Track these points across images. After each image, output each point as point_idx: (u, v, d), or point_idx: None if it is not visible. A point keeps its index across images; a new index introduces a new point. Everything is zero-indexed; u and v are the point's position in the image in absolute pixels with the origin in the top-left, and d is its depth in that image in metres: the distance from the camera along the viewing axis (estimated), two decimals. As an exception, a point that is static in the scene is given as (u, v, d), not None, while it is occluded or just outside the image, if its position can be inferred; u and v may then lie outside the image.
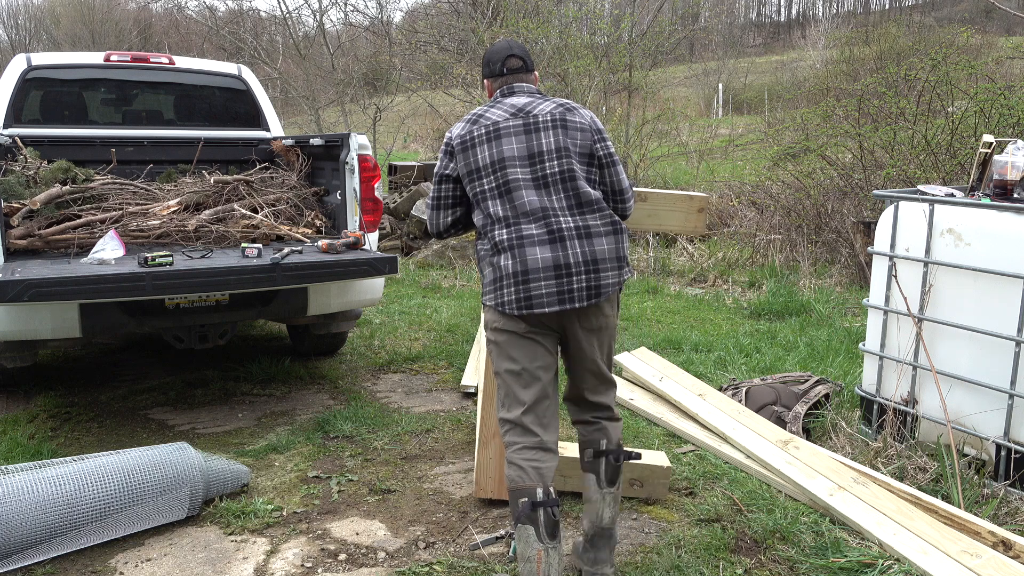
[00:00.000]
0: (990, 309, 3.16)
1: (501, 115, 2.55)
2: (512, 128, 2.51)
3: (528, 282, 2.39)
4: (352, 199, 4.41)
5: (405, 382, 4.83)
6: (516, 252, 2.40)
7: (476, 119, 2.57)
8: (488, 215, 2.48)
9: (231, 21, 16.50)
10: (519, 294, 2.40)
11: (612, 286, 2.46)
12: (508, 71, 2.66)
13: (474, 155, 2.51)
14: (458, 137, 2.56)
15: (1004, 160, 3.33)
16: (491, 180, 2.48)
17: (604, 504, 2.58)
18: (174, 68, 5.39)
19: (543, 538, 2.32)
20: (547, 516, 2.33)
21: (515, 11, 10.98)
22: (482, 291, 2.55)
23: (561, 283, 2.39)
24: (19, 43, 32.64)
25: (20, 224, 4.05)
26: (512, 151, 2.48)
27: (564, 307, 2.40)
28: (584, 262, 2.41)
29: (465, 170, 2.53)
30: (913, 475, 3.27)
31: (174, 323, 3.90)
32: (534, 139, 2.50)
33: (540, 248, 2.40)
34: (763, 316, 6.36)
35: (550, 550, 2.32)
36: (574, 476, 3.19)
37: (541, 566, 2.31)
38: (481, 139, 2.51)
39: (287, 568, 2.73)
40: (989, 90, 6.92)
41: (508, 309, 2.42)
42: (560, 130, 2.51)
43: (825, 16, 40.01)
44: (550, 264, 2.39)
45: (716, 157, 13.58)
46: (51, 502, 2.74)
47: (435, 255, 8.69)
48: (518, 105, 2.57)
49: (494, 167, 2.48)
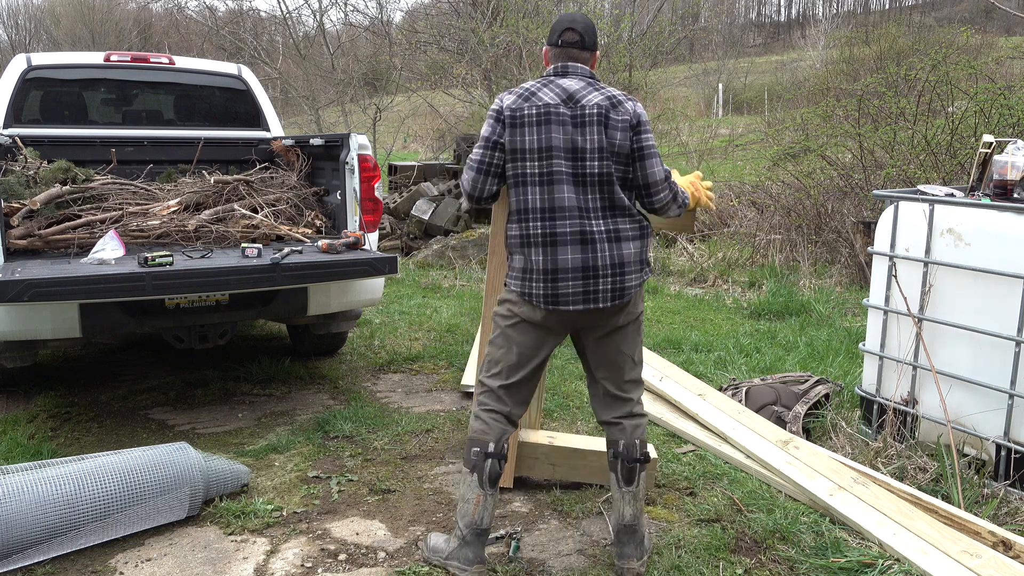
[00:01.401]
0: (990, 309, 3.16)
1: (552, 99, 2.53)
2: (561, 117, 2.51)
3: (557, 280, 2.50)
4: (352, 199, 4.41)
5: (405, 382, 4.83)
6: (548, 250, 2.50)
7: (528, 96, 2.55)
8: (525, 200, 2.53)
9: (231, 21, 16.50)
10: (547, 290, 2.51)
11: (634, 287, 2.57)
12: (563, 43, 2.63)
13: (522, 135, 2.52)
14: (509, 109, 2.54)
15: (1004, 160, 3.33)
16: (536, 166, 2.51)
17: (623, 503, 2.66)
18: (174, 68, 5.39)
19: (484, 485, 2.60)
20: (492, 466, 2.60)
21: (515, 11, 10.97)
22: (507, 273, 2.63)
23: (588, 283, 2.51)
24: (19, 43, 32.66)
25: (20, 224, 4.05)
26: (559, 141, 2.50)
27: (588, 306, 2.52)
28: (612, 265, 2.52)
29: (510, 147, 2.54)
30: (913, 475, 3.27)
31: (174, 323, 3.89)
32: (579, 134, 2.51)
33: (571, 248, 2.50)
34: (763, 316, 6.36)
35: (488, 496, 2.62)
36: (563, 465, 3.34)
37: (478, 508, 2.61)
38: (531, 119, 2.51)
39: (287, 568, 2.73)
40: (989, 90, 6.92)
41: (535, 301, 2.54)
42: (602, 127, 2.52)
43: (825, 16, 40.03)
44: (579, 266, 2.50)
45: (716, 157, 13.58)
46: (51, 502, 2.73)
47: (435, 255, 8.69)
48: (570, 91, 2.55)
49: (541, 154, 2.51)
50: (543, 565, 2.75)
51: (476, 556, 2.62)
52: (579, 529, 3.00)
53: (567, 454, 3.34)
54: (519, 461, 3.36)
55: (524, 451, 3.35)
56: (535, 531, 2.98)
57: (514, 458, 3.31)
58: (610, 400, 2.71)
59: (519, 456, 3.35)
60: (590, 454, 3.33)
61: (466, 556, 2.61)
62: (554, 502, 3.20)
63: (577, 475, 3.37)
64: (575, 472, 3.36)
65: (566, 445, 3.35)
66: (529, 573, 2.70)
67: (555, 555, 2.81)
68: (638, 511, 2.67)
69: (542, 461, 3.36)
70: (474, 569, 2.60)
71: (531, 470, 3.39)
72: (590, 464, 3.33)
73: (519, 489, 3.33)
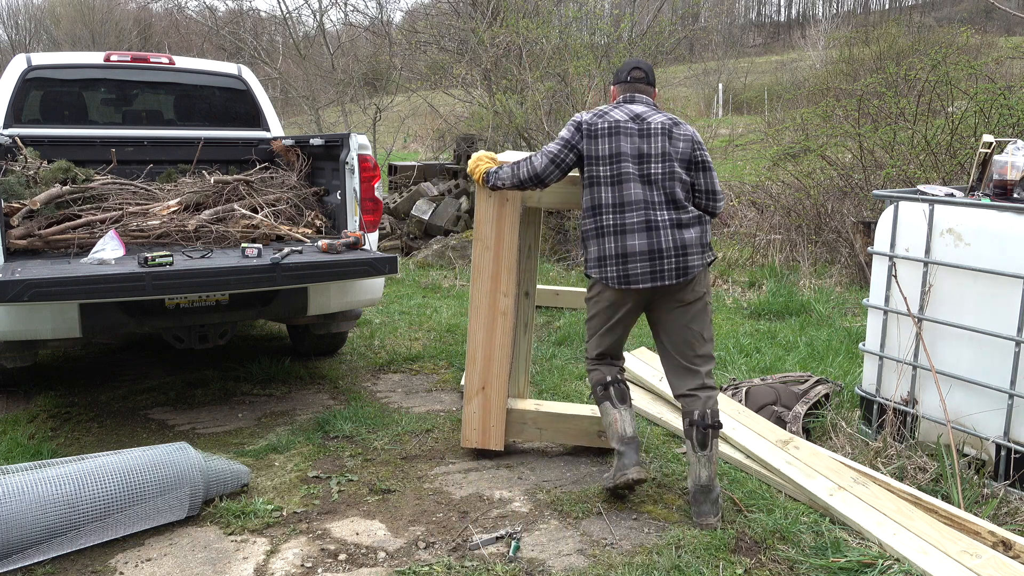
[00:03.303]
0: (990, 309, 3.16)
1: (622, 117, 3.10)
2: (629, 130, 3.07)
3: (627, 263, 3.02)
4: (352, 199, 4.41)
5: (405, 382, 4.83)
6: (619, 238, 3.03)
7: (602, 114, 3.12)
8: (599, 197, 3.07)
9: (231, 21, 16.47)
10: (620, 272, 3.04)
11: (697, 267, 3.05)
12: (632, 79, 3.23)
13: (597, 144, 3.08)
14: (587, 124, 3.12)
15: (1004, 160, 3.33)
16: (607, 169, 3.06)
17: (700, 466, 3.05)
18: (174, 68, 5.39)
19: (616, 404, 3.21)
20: (616, 389, 3.23)
21: (515, 11, 10.94)
22: (585, 263, 3.19)
23: (654, 264, 3.01)
24: (19, 43, 32.63)
25: (20, 224, 4.05)
26: (627, 148, 3.05)
27: (656, 283, 3.01)
28: (675, 247, 3.01)
29: (586, 154, 3.10)
30: (913, 475, 3.27)
31: (174, 323, 3.89)
32: (645, 143, 3.06)
33: (638, 235, 3.01)
34: (763, 316, 6.36)
35: (623, 411, 3.21)
36: (549, 429, 3.71)
37: (618, 423, 3.18)
38: (604, 132, 3.08)
39: (287, 568, 2.73)
40: (989, 90, 6.91)
41: (611, 283, 3.07)
42: (666, 139, 3.07)
43: (825, 16, 40.01)
44: (645, 249, 3.00)
45: (716, 157, 13.56)
46: (51, 502, 2.74)
47: (435, 255, 8.69)
48: (636, 111, 3.12)
49: (611, 159, 3.06)
50: (543, 565, 2.75)
51: (632, 460, 3.11)
52: (579, 529, 3.00)
53: (552, 419, 3.69)
54: (509, 427, 3.67)
55: (513, 417, 3.67)
56: (535, 531, 2.98)
57: (503, 423, 3.63)
58: (683, 372, 3.14)
59: (509, 422, 3.66)
60: (573, 418, 3.68)
61: (623, 464, 3.11)
62: (554, 502, 3.20)
63: (562, 438, 3.71)
64: (560, 435, 3.71)
65: (551, 411, 3.71)
66: (529, 573, 2.70)
67: (555, 555, 2.81)
68: (712, 473, 3.05)
69: (530, 426, 3.70)
70: (633, 469, 3.08)
71: (520, 435, 3.72)
72: (573, 427, 3.69)
73: (519, 489, 3.33)
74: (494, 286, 3.57)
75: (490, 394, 3.62)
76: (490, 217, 3.53)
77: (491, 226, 3.54)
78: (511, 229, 3.53)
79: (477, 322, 3.60)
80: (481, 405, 3.63)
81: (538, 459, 3.66)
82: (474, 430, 3.65)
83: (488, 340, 3.60)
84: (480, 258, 3.56)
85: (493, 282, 3.57)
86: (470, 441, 3.67)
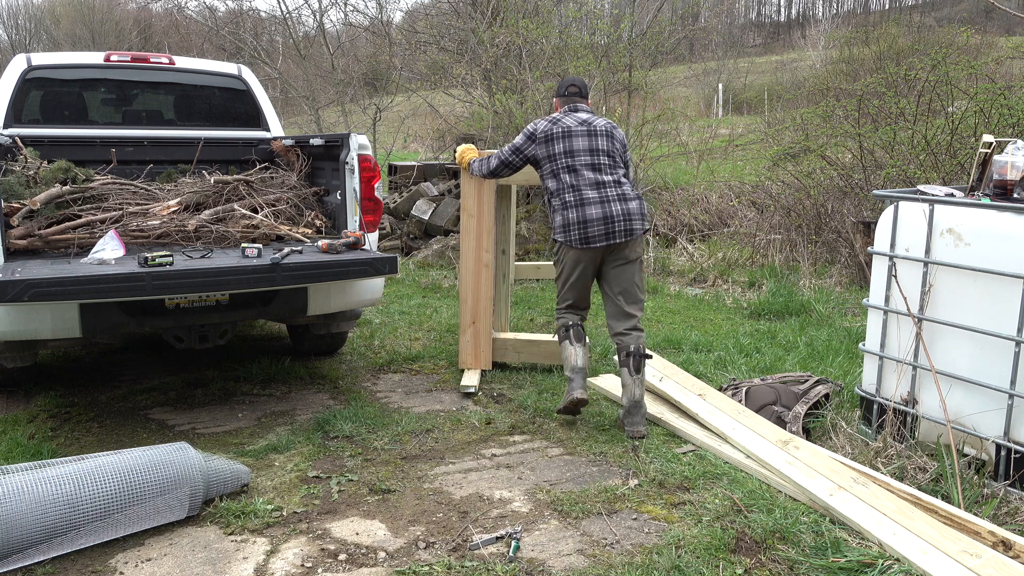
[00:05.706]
0: (990, 309, 3.16)
1: (573, 123, 4.06)
2: (580, 132, 4.03)
3: (587, 227, 3.90)
4: (352, 199, 4.41)
5: (405, 382, 4.83)
6: (579, 210, 3.91)
7: (556, 121, 4.08)
8: (563, 181, 3.98)
9: (231, 21, 16.46)
10: (581, 234, 3.91)
11: (639, 230, 3.98)
12: (569, 94, 4.18)
13: (555, 145, 4.02)
14: (542, 131, 4.06)
15: (1004, 160, 3.33)
16: (567, 161, 3.99)
17: (635, 386, 3.89)
18: (174, 68, 5.39)
19: (573, 343, 4.05)
20: (575, 331, 4.09)
21: (515, 11, 10.94)
22: (553, 231, 4.05)
23: (607, 226, 3.90)
24: (19, 43, 32.63)
25: (20, 224, 4.05)
26: (580, 146, 4.01)
27: (609, 242, 3.91)
28: (622, 214, 3.92)
29: (545, 152, 4.04)
30: (913, 475, 3.27)
31: (174, 323, 3.89)
32: (594, 140, 4.03)
33: (595, 207, 3.91)
34: (763, 316, 6.36)
35: (578, 347, 4.04)
36: (525, 352, 4.94)
37: (572, 357, 4.02)
38: (559, 135, 4.03)
39: (287, 568, 2.73)
40: (989, 90, 6.92)
41: (574, 244, 3.94)
42: (610, 137, 4.07)
43: (825, 16, 40.04)
44: (600, 216, 3.90)
45: (716, 157, 13.57)
46: (51, 502, 2.74)
47: (435, 255, 8.69)
48: (582, 118, 4.09)
49: (568, 154, 4.00)
50: (543, 565, 2.75)
51: (578, 384, 3.98)
52: (579, 529, 3.00)
53: (527, 344, 4.96)
54: (495, 352, 4.92)
55: (497, 345, 4.94)
56: (535, 531, 2.98)
57: (491, 349, 4.87)
58: (622, 316, 4.00)
59: (494, 349, 4.91)
60: (542, 343, 4.92)
61: (571, 388, 3.98)
62: (554, 502, 3.20)
63: (534, 358, 4.93)
64: (532, 356, 4.93)
65: (525, 338, 5.01)
66: (529, 573, 2.70)
67: (555, 555, 2.81)
68: (643, 392, 3.91)
69: (510, 350, 4.95)
70: (578, 391, 3.95)
71: (503, 357, 4.96)
72: (542, 350, 4.90)
73: (519, 489, 3.33)
74: (478, 244, 4.79)
75: (479, 326, 4.84)
76: (472, 192, 4.76)
77: (474, 199, 4.76)
78: (488, 201, 4.76)
79: (466, 272, 4.85)
80: (472, 335, 4.85)
81: (538, 459, 3.66)
82: (468, 355, 4.87)
83: (475, 285, 4.82)
84: (467, 224, 4.80)
85: (477, 241, 4.79)
86: (466, 363, 4.87)
